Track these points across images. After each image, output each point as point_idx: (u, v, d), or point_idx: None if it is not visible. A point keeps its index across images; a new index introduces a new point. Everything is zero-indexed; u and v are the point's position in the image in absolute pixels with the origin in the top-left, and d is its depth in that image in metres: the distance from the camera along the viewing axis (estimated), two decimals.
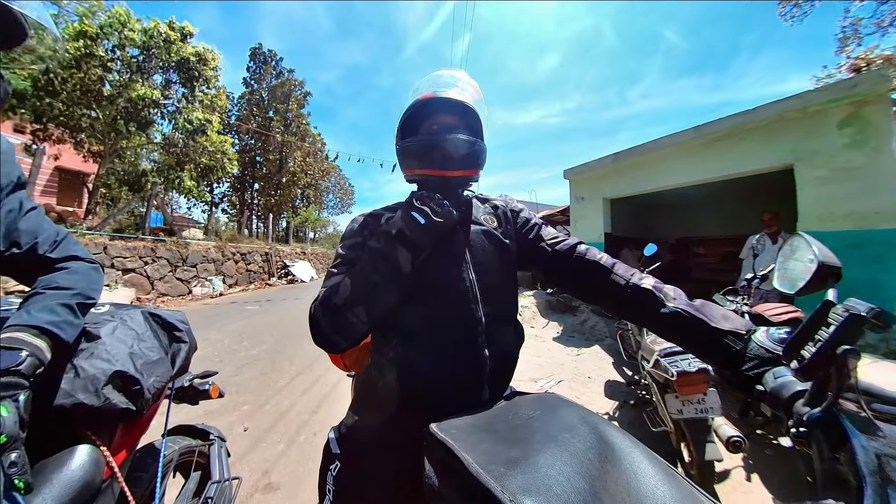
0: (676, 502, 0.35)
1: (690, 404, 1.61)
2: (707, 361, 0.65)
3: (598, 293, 0.77)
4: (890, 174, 3.16)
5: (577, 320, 5.46)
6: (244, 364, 3.65)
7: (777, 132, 3.86)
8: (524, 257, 0.86)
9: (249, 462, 1.99)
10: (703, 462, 1.50)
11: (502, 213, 0.88)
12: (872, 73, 3.42)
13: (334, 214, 35.96)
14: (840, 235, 3.23)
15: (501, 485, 0.36)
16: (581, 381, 3.26)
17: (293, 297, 9.14)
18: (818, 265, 0.53)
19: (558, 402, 0.54)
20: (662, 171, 5.20)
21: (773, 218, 3.59)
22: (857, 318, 0.45)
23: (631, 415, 2.53)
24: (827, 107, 3.45)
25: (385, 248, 0.67)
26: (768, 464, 1.97)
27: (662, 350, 1.84)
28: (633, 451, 0.42)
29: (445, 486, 0.45)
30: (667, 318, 0.65)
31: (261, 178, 23.39)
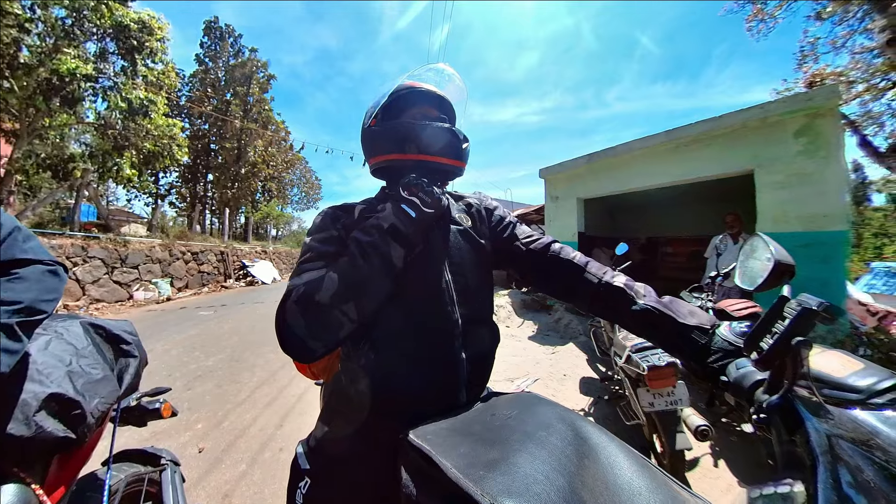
0: (651, 492, 0.38)
1: (661, 397, 1.71)
2: (675, 355, 0.70)
3: (572, 291, 0.80)
4: (837, 181, 3.55)
5: (551, 319, 5.63)
6: (197, 377, 3.39)
7: (740, 139, 4.21)
8: (499, 256, 0.87)
9: (207, 487, 1.86)
10: (674, 451, 1.61)
11: (476, 211, 0.88)
12: (825, 88, 3.79)
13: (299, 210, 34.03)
14: (793, 236, 3.55)
15: (481, 488, 0.37)
16: (557, 378, 3.37)
17: (253, 300, 8.60)
18: (774, 263, 0.58)
19: (535, 401, 0.56)
20: (634, 173, 5.47)
21: (734, 219, 3.97)
22: (809, 311, 0.49)
23: (606, 410, 2.64)
24: (785, 117, 3.82)
25: (377, 242, 0.65)
26: (733, 449, 2.15)
27: (634, 346, 1.93)
28: (609, 446, 0.44)
29: (424, 495, 0.44)
30: (637, 315, 0.70)
31: (216, 169, 21.46)
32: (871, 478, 0.35)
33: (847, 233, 3.47)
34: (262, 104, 22.30)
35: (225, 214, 15.67)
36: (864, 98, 5.81)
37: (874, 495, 0.33)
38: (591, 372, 3.49)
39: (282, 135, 24.48)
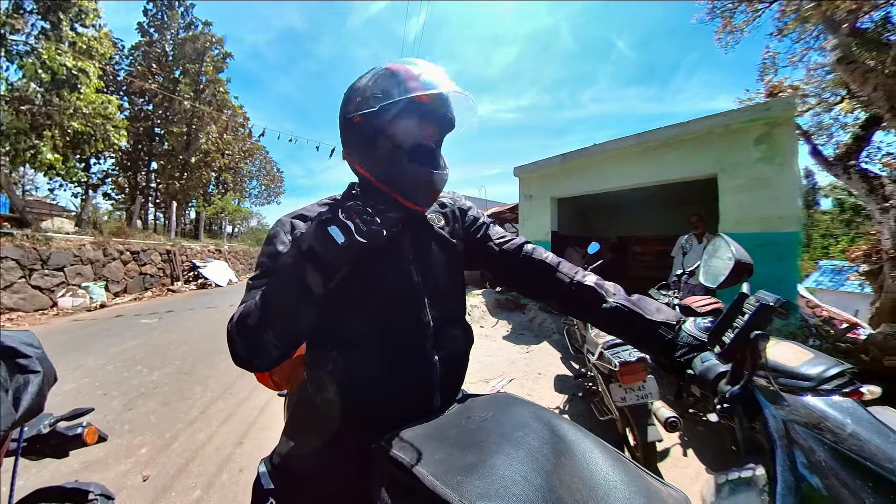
0: (626, 484, 0.40)
1: (632, 391, 1.82)
2: (645, 350, 0.75)
3: (545, 291, 0.83)
4: (791, 186, 3.93)
5: (525, 318, 5.77)
6: (140, 394, 3.09)
7: (705, 144, 4.54)
8: (472, 257, 0.88)
9: None
10: (646, 443, 1.72)
11: (450, 211, 0.88)
12: (782, 100, 4.15)
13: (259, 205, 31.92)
14: (752, 237, 3.85)
15: (459, 494, 0.37)
16: (532, 377, 3.46)
17: (204, 305, 7.97)
18: (735, 263, 0.63)
19: (510, 401, 0.57)
20: (606, 174, 5.71)
21: (699, 220, 4.27)
22: (766, 307, 0.54)
23: (580, 406, 2.75)
24: (746, 125, 4.16)
25: (293, 265, 0.59)
26: (700, 439, 2.32)
27: (606, 343, 2.03)
28: (584, 442, 0.46)
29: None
30: (608, 313, 0.73)
31: (161, 156, 19.34)
32: (823, 458, 0.40)
33: (799, 234, 3.84)
34: (216, 85, 20.33)
35: (172, 208, 14.25)
36: (817, 110, 6.49)
37: (825, 473, 0.37)
38: (565, 370, 3.62)
39: (239, 120, 22.53)
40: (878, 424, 0.46)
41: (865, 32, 4.59)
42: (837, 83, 5.73)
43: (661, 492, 0.44)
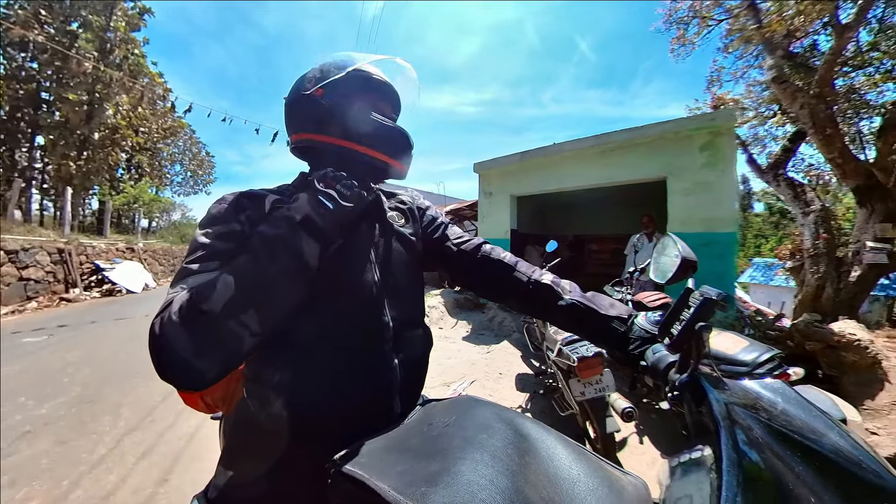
0: (588, 477, 0.43)
1: (590, 385, 1.95)
2: (601, 345, 0.81)
3: (503, 291, 0.87)
4: (730, 190, 4.47)
5: (485, 317, 5.89)
6: (24, 434, 2.57)
7: (657, 149, 4.98)
8: (430, 257, 0.89)
9: None
10: (605, 435, 1.86)
11: (409, 210, 0.90)
12: (725, 111, 4.73)
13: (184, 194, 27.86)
14: (696, 236, 4.27)
15: None
16: (493, 378, 3.56)
17: (113, 316, 6.78)
18: (681, 260, 0.71)
19: (473, 404, 0.58)
20: (564, 174, 6.02)
21: (649, 220, 4.67)
22: (710, 301, 0.60)
23: (541, 404, 2.88)
24: (693, 133, 4.65)
25: (287, 235, 0.59)
26: (654, 426, 2.54)
27: (564, 339, 2.16)
28: (547, 439, 0.48)
29: None
30: (564, 310, 0.78)
31: (52, 129, 15.32)
32: (759, 434, 0.46)
33: (736, 234, 4.36)
34: (129, 45, 16.82)
35: (66, 196, 11.31)
36: (753, 123, 7.35)
37: (762, 448, 0.43)
38: (526, 368, 3.76)
39: (158, 91, 18.96)
40: (803, 401, 0.54)
41: (796, 56, 5.30)
42: (771, 100, 6.54)
43: (622, 480, 0.47)
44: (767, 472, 0.41)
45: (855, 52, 5.18)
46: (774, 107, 6.59)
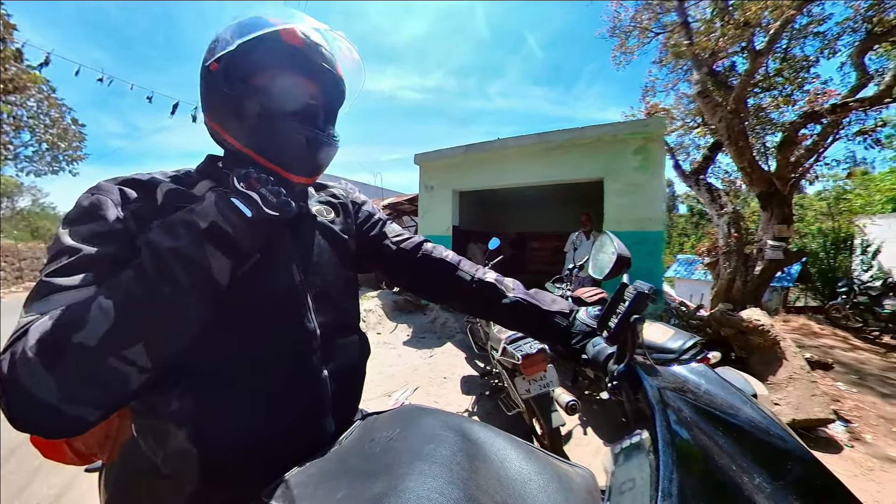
0: (538, 474, 0.45)
1: (535, 382, 2.07)
2: (544, 341, 0.86)
3: (446, 291, 0.87)
4: (658, 193, 5.09)
5: (427, 319, 5.91)
6: None
7: (595, 150, 5.47)
8: (366, 256, 0.87)
9: None
10: (551, 430, 2.00)
11: (342, 204, 0.86)
12: (657, 119, 5.34)
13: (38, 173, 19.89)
14: (629, 234, 4.77)
15: None
16: (437, 383, 3.59)
17: None
18: (617, 257, 0.78)
19: (417, 413, 0.58)
20: (508, 170, 6.28)
21: (587, 219, 5.13)
22: (642, 294, 0.67)
23: (488, 405, 2.98)
24: (628, 137, 5.22)
25: (187, 249, 0.48)
26: (596, 417, 2.77)
27: (508, 338, 2.27)
28: (496, 441, 0.50)
29: None
30: (508, 308, 0.81)
31: None
32: (688, 414, 0.53)
33: (663, 233, 4.98)
34: None
35: None
36: (680, 132, 8.45)
37: (690, 426, 0.50)
38: (471, 370, 3.86)
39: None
40: (722, 381, 0.63)
41: (719, 74, 6.16)
42: (696, 112, 7.53)
43: (570, 472, 0.51)
44: (697, 448, 0.47)
45: (764, 76, 6.25)
46: (698, 119, 7.60)
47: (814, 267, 10.00)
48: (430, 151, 7.20)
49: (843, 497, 0.42)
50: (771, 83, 6.37)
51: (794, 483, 0.44)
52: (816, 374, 3.34)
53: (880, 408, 3.36)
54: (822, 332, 6.15)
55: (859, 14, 5.39)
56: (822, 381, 3.38)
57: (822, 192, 13.74)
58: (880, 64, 5.71)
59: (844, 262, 10.15)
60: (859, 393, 3.67)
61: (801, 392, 2.86)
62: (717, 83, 5.87)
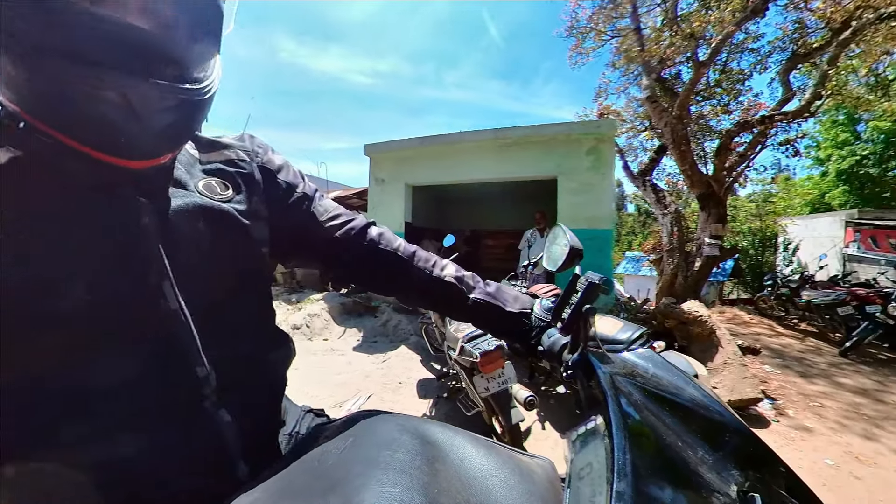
0: (500, 469, 0.47)
1: (494, 380, 2.12)
2: (503, 338, 0.87)
3: (397, 285, 0.81)
4: (608, 192, 5.46)
5: (378, 322, 5.80)
6: None
7: (550, 149, 5.73)
8: (287, 245, 0.71)
9: None
10: (511, 427, 2.05)
11: (245, 175, 0.64)
12: (608, 121, 5.79)
13: None
14: (581, 232, 4.98)
15: None
16: (392, 388, 3.57)
17: None
18: (570, 249, 0.83)
19: (371, 418, 0.56)
20: (464, 165, 6.37)
21: (542, 217, 5.33)
22: (594, 285, 0.72)
23: (446, 407, 3.02)
24: (581, 137, 5.54)
25: None
26: (554, 411, 2.94)
27: (465, 336, 2.30)
28: (455, 439, 0.50)
29: None
30: (469, 308, 0.81)
31: None
32: (638, 397, 0.57)
33: (612, 231, 5.34)
34: None
35: None
36: (629, 134, 9.11)
37: (640, 408, 0.55)
38: (427, 372, 3.88)
39: None
40: (667, 364, 0.69)
41: (666, 81, 6.69)
42: (644, 115, 8.15)
43: (530, 464, 0.53)
44: (647, 428, 0.51)
45: (706, 86, 6.91)
46: (646, 122, 8.22)
47: (744, 263, 11.32)
48: (381, 142, 7.10)
49: (773, 463, 0.49)
50: (711, 93, 7.08)
51: (732, 453, 0.49)
52: (747, 359, 3.81)
53: (800, 386, 3.96)
54: (752, 322, 7.11)
55: (787, 35, 6.15)
56: (751, 365, 3.85)
57: (752, 194, 15.54)
58: (802, 81, 6.58)
59: (770, 258, 11.70)
60: (782, 374, 4.28)
61: (735, 375, 3.27)
62: (664, 89, 6.41)
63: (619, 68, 7.98)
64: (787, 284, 7.20)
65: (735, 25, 5.06)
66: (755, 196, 15.57)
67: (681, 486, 0.43)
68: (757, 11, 4.88)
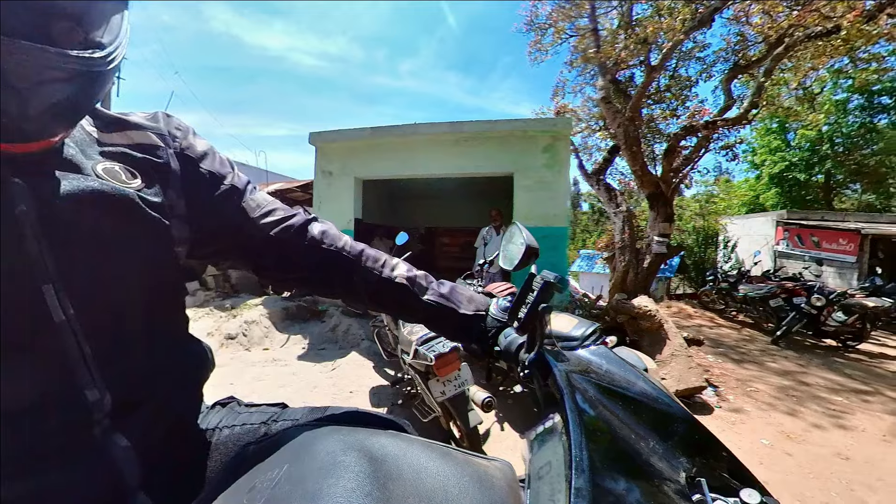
0: (458, 476, 0.46)
1: (450, 383, 2.15)
2: (460, 341, 0.88)
3: (343, 286, 0.77)
4: (563, 190, 5.73)
5: (326, 327, 5.58)
6: None
7: (507, 145, 5.90)
8: (213, 243, 0.66)
9: None
10: (469, 431, 2.09)
11: (155, 163, 0.56)
12: (564, 119, 6.10)
13: None
14: (536, 230, 5.17)
15: None
16: (342, 399, 3.48)
17: None
18: (526, 247, 0.85)
19: (308, 438, 0.52)
20: (418, 159, 6.36)
21: (497, 214, 5.47)
22: (549, 283, 0.75)
23: (402, 415, 2.96)
24: (537, 134, 5.76)
25: None
26: (512, 411, 3.02)
27: (419, 339, 2.30)
28: (408, 451, 0.48)
29: None
30: (423, 311, 0.80)
31: None
32: (592, 393, 0.61)
33: (567, 229, 5.58)
34: None
35: None
36: (584, 133, 9.59)
37: (595, 404, 0.58)
38: (381, 379, 3.82)
39: None
40: (619, 360, 0.74)
41: (620, 83, 7.08)
42: (599, 115, 8.59)
43: (489, 468, 0.54)
44: (602, 423, 0.54)
45: (656, 90, 7.48)
46: (601, 122, 8.68)
47: (689, 260, 12.45)
48: (329, 131, 6.82)
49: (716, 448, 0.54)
50: (661, 97, 7.69)
51: (680, 442, 0.54)
52: (692, 350, 4.23)
53: (737, 373, 4.50)
54: (696, 315, 7.92)
55: (730, 47, 6.78)
56: (696, 356, 4.27)
57: (696, 195, 16.92)
58: (742, 91, 7.30)
59: (712, 255, 12.98)
60: (722, 362, 4.82)
61: (681, 366, 3.61)
62: (618, 91, 6.82)
63: (577, 67, 8.37)
64: (726, 279, 8.03)
65: (684, 34, 5.48)
66: (699, 197, 17.00)
67: (635, 478, 0.46)
68: (704, 22, 5.34)
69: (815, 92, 8.30)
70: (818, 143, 16.61)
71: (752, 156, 18.80)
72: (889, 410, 3.64)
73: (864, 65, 6.75)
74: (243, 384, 3.71)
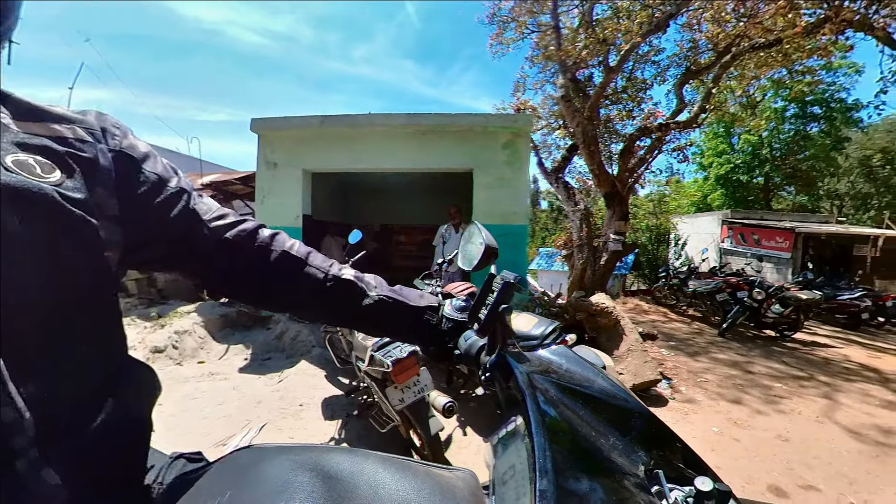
0: (419, 491, 0.46)
1: (409, 389, 2.12)
2: (414, 341, 0.88)
3: (290, 296, 0.76)
4: (523, 188, 5.90)
5: (271, 334, 5.31)
6: None
7: (466, 140, 5.95)
8: (154, 247, 0.63)
9: None
10: (430, 439, 2.09)
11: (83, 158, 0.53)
12: (524, 116, 6.23)
13: None
14: (496, 227, 5.28)
15: None
16: (292, 413, 3.31)
17: None
18: (485, 247, 0.87)
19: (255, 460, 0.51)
20: (373, 151, 6.23)
21: (456, 211, 5.50)
22: (509, 284, 0.77)
23: (358, 426, 2.94)
24: (497, 130, 5.87)
25: None
26: (474, 415, 3.07)
27: (375, 344, 2.28)
28: (364, 466, 0.48)
29: None
30: (370, 310, 0.79)
31: None
32: (553, 393, 0.62)
33: (527, 227, 5.72)
34: None
35: None
36: (544, 131, 9.88)
37: (556, 404, 0.60)
38: (334, 389, 3.73)
39: None
40: (578, 359, 0.77)
41: (580, 82, 7.35)
42: (558, 114, 8.87)
43: (452, 479, 0.54)
44: (564, 422, 0.56)
45: (613, 91, 7.87)
46: (560, 121, 8.97)
47: (643, 257, 13.31)
48: (274, 118, 6.38)
49: (671, 439, 0.58)
50: (618, 98, 8.12)
51: (638, 436, 0.57)
52: (647, 345, 4.52)
53: (689, 365, 4.90)
54: (650, 310, 8.49)
55: (683, 52, 7.26)
56: (651, 350, 4.62)
57: (650, 194, 17.91)
58: (692, 96, 7.86)
59: (664, 252, 13.96)
60: (675, 355, 5.24)
61: (637, 361, 3.86)
62: (577, 90, 7.12)
63: (538, 64, 8.64)
64: (677, 276, 8.64)
65: (641, 37, 5.80)
66: (652, 196, 18.02)
67: (597, 475, 0.48)
68: (660, 26, 5.70)
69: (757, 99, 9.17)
70: (759, 147, 18.37)
71: (701, 158, 20.45)
72: (821, 394, 4.13)
73: (800, 77, 7.64)
74: (172, 403, 3.39)
